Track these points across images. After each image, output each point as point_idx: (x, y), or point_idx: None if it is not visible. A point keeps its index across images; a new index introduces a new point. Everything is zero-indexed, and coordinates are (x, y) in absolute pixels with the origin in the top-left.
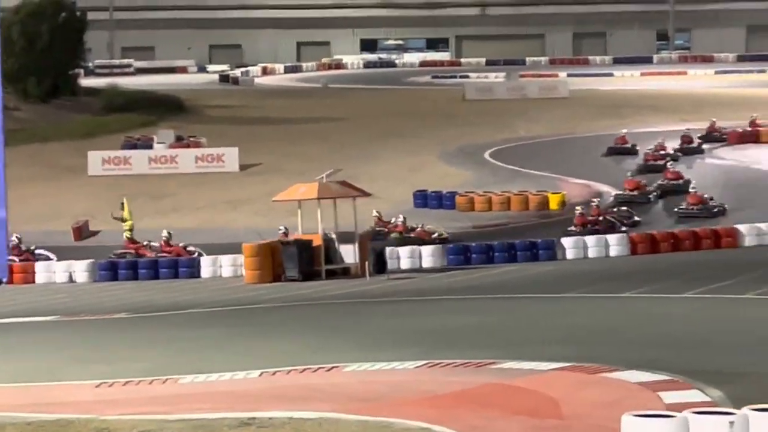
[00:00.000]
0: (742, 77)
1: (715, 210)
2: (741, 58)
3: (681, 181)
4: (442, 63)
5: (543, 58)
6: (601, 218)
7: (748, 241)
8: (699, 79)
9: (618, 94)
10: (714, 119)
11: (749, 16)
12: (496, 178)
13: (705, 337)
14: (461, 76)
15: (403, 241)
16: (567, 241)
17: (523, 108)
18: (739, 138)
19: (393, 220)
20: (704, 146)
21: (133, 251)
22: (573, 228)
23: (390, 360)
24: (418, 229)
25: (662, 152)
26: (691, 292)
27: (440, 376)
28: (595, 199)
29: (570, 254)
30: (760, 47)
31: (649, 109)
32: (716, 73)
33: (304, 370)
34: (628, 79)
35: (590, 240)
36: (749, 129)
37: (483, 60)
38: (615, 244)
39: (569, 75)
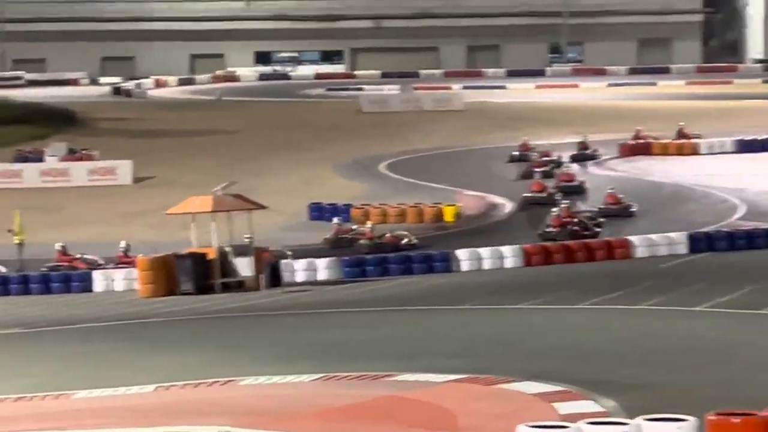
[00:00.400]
0: (634, 90)
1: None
2: (633, 71)
3: (575, 183)
4: (336, 75)
5: (437, 71)
6: (575, 219)
7: (641, 252)
8: (591, 92)
9: (512, 106)
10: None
11: (641, 29)
12: (392, 191)
13: (599, 347)
14: (356, 89)
15: (374, 248)
16: (462, 253)
17: (418, 120)
18: (630, 150)
19: (357, 227)
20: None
21: (67, 264)
22: (551, 229)
23: (286, 373)
24: (388, 235)
25: (546, 159)
26: (585, 303)
27: (336, 389)
28: (565, 202)
29: (465, 266)
30: (651, 60)
31: (543, 121)
32: (608, 85)
33: (199, 384)
34: (522, 92)
35: (485, 252)
36: (638, 141)
37: (378, 72)
38: (510, 255)
39: (464, 87)
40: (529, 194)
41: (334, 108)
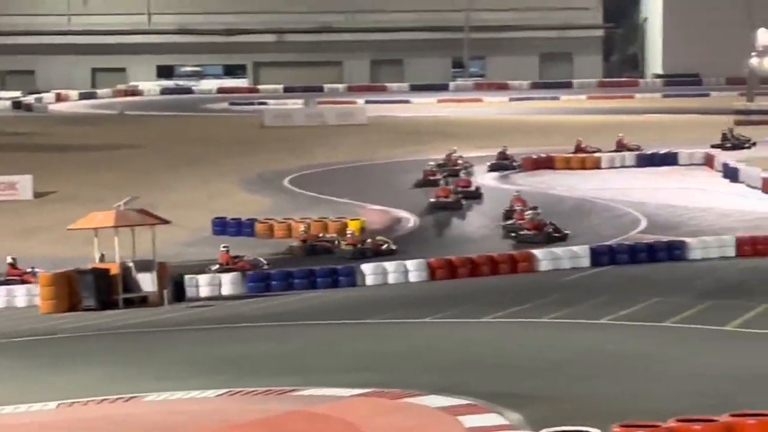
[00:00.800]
0: (537, 104)
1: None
2: (535, 86)
3: (473, 189)
4: (239, 90)
5: (341, 85)
6: (548, 222)
7: (544, 266)
8: (494, 106)
9: (416, 120)
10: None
11: (542, 44)
12: (296, 205)
13: (504, 360)
14: (259, 103)
15: (358, 253)
16: (366, 268)
17: (321, 134)
18: (533, 164)
19: (333, 237)
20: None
21: (17, 277)
22: (527, 232)
23: (190, 389)
24: (369, 240)
25: (449, 168)
26: (490, 317)
27: (241, 405)
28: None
29: (370, 280)
30: (552, 75)
31: (446, 135)
32: (510, 100)
33: (103, 400)
34: (425, 106)
35: (389, 266)
36: (543, 156)
37: (281, 87)
38: (414, 269)
39: (367, 102)
40: (434, 199)
41: (237, 122)
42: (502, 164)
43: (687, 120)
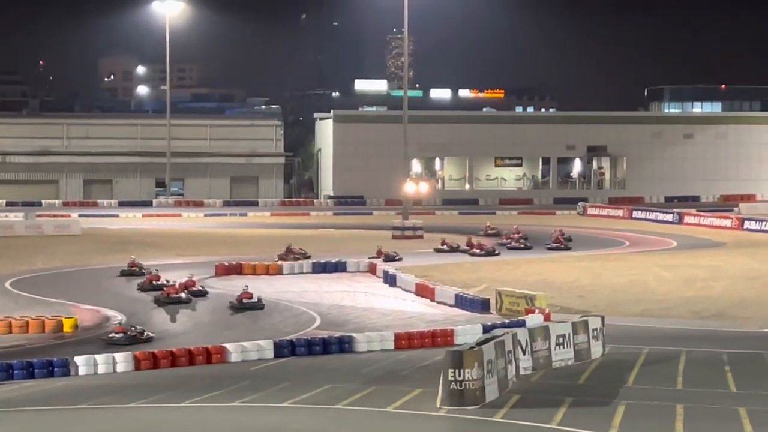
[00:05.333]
0: (228, 219)
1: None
2: (226, 203)
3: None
4: None
5: (57, 201)
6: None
7: (234, 357)
8: (191, 220)
9: (124, 232)
10: (133, 257)
11: (233, 169)
12: (17, 305)
13: None
14: None
15: (126, 340)
16: (79, 360)
17: (40, 244)
18: (225, 270)
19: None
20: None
21: None
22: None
23: None
24: (133, 328)
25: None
26: (189, 402)
27: None
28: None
29: (82, 371)
30: (241, 195)
31: (150, 245)
32: (206, 215)
33: None
34: (132, 220)
35: (100, 358)
36: (233, 263)
37: (3, 201)
38: (121, 361)
39: (80, 215)
40: (165, 296)
41: None
42: (132, 271)
43: (354, 234)
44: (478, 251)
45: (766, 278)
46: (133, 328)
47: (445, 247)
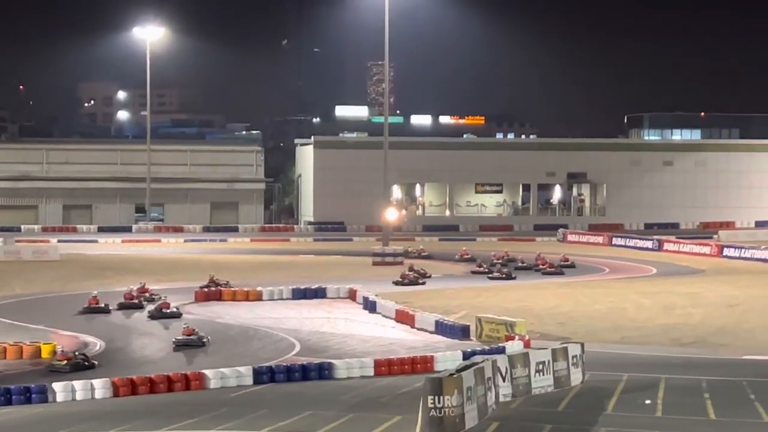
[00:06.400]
0: (208, 245)
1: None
2: (206, 229)
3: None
4: None
5: (36, 226)
6: (76, 353)
7: (214, 384)
8: (171, 246)
9: (103, 257)
10: (143, 282)
11: (213, 195)
12: None
13: None
14: None
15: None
16: (57, 386)
17: (19, 269)
18: (204, 296)
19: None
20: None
21: None
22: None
23: None
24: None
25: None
26: (167, 429)
27: None
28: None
29: (60, 397)
30: (221, 220)
31: (129, 270)
32: (186, 241)
33: None
34: (111, 245)
35: (78, 384)
36: (213, 289)
37: None
38: (100, 387)
39: (60, 241)
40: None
41: None
42: (132, 303)
43: (334, 260)
44: (497, 275)
45: (745, 305)
46: (77, 354)
47: (407, 278)
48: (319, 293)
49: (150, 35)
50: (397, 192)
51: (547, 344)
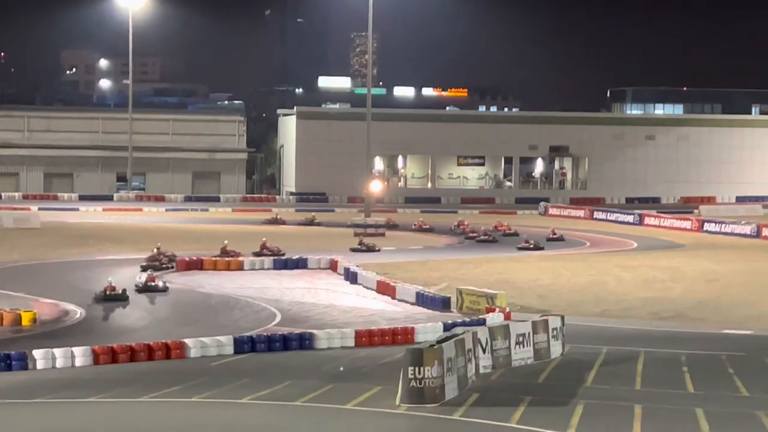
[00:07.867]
0: (189, 214)
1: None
2: (188, 198)
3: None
4: None
5: (17, 194)
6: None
7: (194, 353)
8: (153, 215)
9: (84, 225)
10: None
11: (194, 164)
12: None
13: None
14: None
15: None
16: (38, 353)
17: (0, 237)
18: (186, 265)
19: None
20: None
21: None
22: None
23: None
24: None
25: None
26: (147, 396)
27: None
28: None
29: (40, 365)
30: (203, 190)
31: (110, 239)
32: (167, 210)
33: None
34: (92, 214)
35: (58, 352)
36: (194, 258)
37: None
38: (80, 355)
39: (41, 209)
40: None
41: None
42: (153, 265)
43: (315, 231)
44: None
45: (724, 280)
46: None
47: (362, 246)
48: (300, 264)
49: (133, 3)
50: (379, 163)
51: (527, 317)
